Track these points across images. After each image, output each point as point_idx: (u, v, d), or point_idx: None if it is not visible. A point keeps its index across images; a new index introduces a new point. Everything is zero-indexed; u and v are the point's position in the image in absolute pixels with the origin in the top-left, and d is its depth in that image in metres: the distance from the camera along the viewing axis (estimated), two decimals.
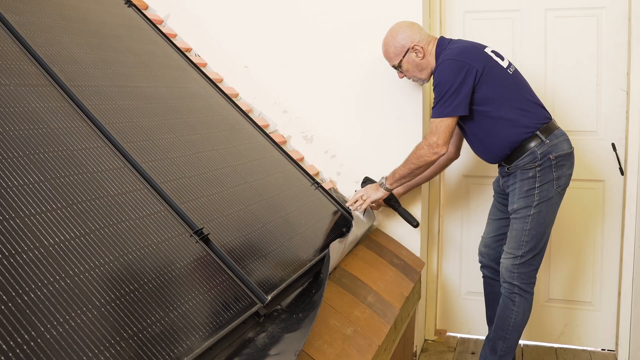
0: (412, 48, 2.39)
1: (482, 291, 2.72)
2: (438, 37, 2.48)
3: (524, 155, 2.31)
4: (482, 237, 2.67)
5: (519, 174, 2.34)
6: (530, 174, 2.31)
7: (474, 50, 2.35)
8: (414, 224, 2.63)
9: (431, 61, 2.40)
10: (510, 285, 2.39)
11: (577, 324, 3.03)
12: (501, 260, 2.42)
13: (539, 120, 2.33)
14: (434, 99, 2.33)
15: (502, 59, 2.38)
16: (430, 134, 2.31)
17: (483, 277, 2.68)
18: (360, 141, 2.86)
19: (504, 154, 2.36)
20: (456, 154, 2.69)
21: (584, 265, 2.99)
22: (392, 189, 2.50)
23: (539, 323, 3.05)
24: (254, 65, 2.99)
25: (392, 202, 2.61)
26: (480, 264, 2.67)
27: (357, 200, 2.51)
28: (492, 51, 2.38)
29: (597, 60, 2.81)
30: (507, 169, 2.37)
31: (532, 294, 2.40)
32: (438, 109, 2.30)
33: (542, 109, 2.38)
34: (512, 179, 2.37)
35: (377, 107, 2.83)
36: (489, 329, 2.69)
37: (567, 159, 2.33)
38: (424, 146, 2.32)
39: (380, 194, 2.49)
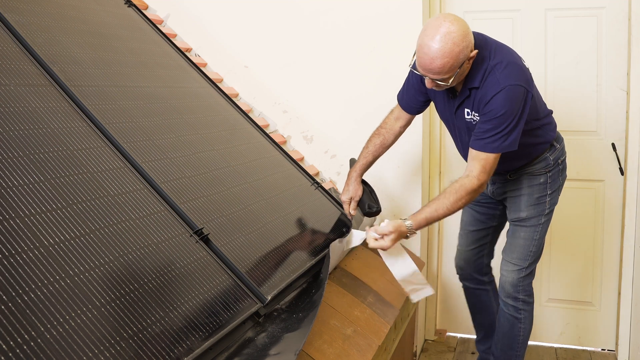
0: (470, 57, 1.87)
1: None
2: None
3: (534, 163, 2.15)
4: (458, 249, 2.51)
5: (525, 180, 2.17)
6: (541, 180, 2.16)
7: (525, 69, 1.98)
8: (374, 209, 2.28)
9: None
10: (514, 300, 2.25)
11: (577, 324, 3.03)
12: (502, 273, 2.27)
13: (555, 130, 2.19)
14: (488, 129, 1.93)
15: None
16: (482, 172, 1.95)
17: (465, 288, 2.54)
18: (360, 141, 2.85)
19: (516, 166, 2.16)
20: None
21: (584, 265, 2.99)
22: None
23: (539, 323, 3.05)
24: (254, 65, 2.99)
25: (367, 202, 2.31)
26: (459, 276, 2.54)
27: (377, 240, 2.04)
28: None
29: (597, 60, 2.81)
30: (509, 175, 2.20)
31: (533, 301, 2.30)
32: (493, 143, 1.93)
33: (552, 117, 2.22)
34: (512, 185, 2.21)
35: (378, 107, 2.82)
36: (477, 333, 2.63)
37: (565, 161, 2.25)
38: (475, 185, 1.95)
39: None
